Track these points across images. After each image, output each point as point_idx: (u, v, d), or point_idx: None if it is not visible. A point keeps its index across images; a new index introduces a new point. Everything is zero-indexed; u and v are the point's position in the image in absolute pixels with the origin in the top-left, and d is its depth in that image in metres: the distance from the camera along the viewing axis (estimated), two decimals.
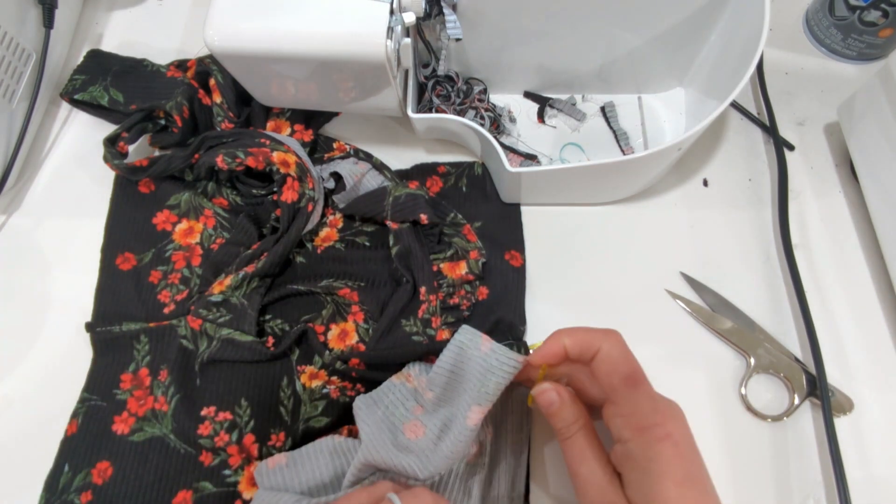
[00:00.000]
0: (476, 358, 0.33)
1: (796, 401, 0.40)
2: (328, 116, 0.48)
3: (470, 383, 0.33)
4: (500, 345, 0.33)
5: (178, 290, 0.42)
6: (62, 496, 0.37)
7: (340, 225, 0.45)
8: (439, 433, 0.34)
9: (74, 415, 0.39)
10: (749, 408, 0.40)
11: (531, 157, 0.47)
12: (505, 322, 0.41)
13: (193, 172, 0.45)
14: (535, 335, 0.42)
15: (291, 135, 0.45)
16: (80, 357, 0.41)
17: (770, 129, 0.48)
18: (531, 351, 0.37)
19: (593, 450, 0.31)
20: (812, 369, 0.40)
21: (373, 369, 0.39)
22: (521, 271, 0.43)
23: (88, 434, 0.39)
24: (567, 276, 0.44)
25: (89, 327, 0.41)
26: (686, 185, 0.47)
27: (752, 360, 0.41)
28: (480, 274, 0.42)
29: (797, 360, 0.41)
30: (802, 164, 0.48)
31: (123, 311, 0.42)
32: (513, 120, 0.49)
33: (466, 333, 0.34)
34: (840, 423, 0.39)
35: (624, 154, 0.47)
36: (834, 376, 0.40)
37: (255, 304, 0.41)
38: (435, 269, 0.42)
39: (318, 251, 0.44)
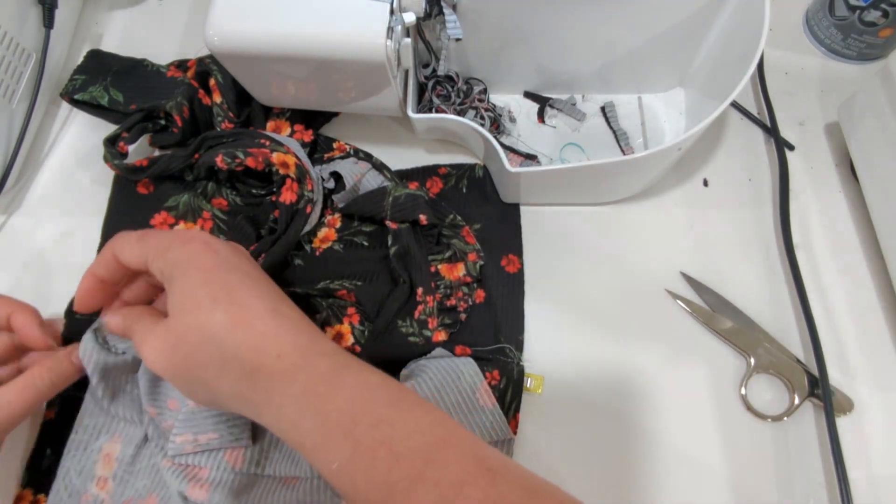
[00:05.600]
0: (472, 405, 0.36)
1: (796, 401, 0.40)
2: (328, 116, 0.48)
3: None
4: (503, 417, 0.36)
5: None
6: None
7: (339, 225, 0.45)
8: None
9: (51, 402, 0.39)
10: (749, 408, 0.40)
11: (531, 157, 0.47)
12: (505, 333, 0.41)
13: (193, 172, 0.45)
14: (535, 336, 0.42)
15: (291, 135, 0.45)
16: None
17: (770, 129, 0.48)
18: (527, 377, 0.40)
19: (161, 316, 0.31)
20: (812, 369, 0.40)
21: None
22: (519, 277, 0.43)
23: (65, 420, 0.39)
24: (567, 276, 0.44)
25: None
26: (686, 185, 0.47)
27: (752, 360, 0.41)
28: (478, 276, 0.42)
29: (797, 360, 0.41)
30: (802, 164, 0.48)
31: None
32: (513, 120, 0.49)
33: (475, 378, 0.37)
34: (840, 423, 0.39)
35: (624, 154, 0.47)
36: (834, 376, 0.40)
37: None
38: (433, 270, 0.42)
39: (317, 253, 0.44)
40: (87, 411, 0.38)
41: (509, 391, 0.38)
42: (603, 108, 0.49)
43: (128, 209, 0.45)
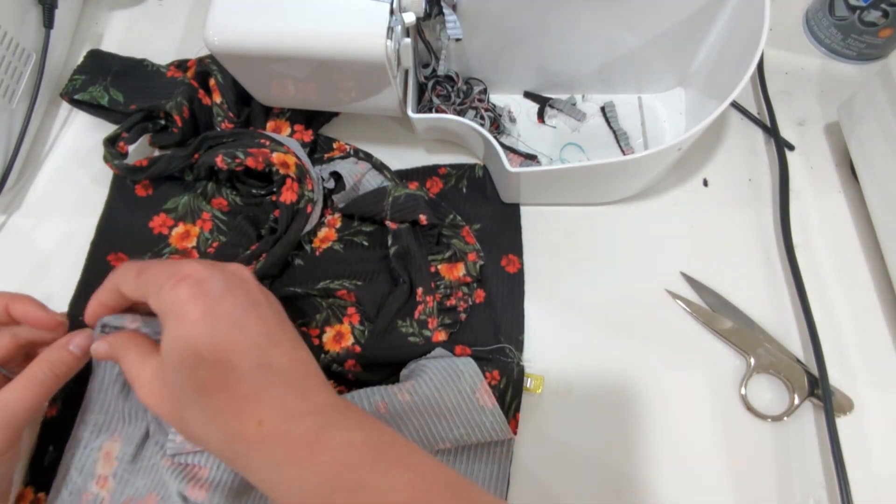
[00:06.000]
0: (472, 405, 0.36)
1: (796, 401, 0.40)
2: (328, 116, 0.48)
3: (452, 421, 0.36)
4: (503, 417, 0.36)
5: None
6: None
7: (339, 225, 0.45)
8: None
9: (53, 399, 0.39)
10: (749, 408, 0.40)
11: (531, 157, 0.47)
12: (504, 334, 0.41)
13: (193, 172, 0.45)
14: (534, 335, 0.42)
15: (291, 135, 0.45)
16: None
17: (770, 129, 0.48)
18: (527, 377, 0.40)
19: (147, 349, 0.31)
20: (812, 369, 0.40)
21: (368, 370, 0.39)
22: (519, 277, 0.43)
23: (66, 418, 0.38)
24: (567, 276, 0.44)
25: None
26: (686, 185, 0.47)
27: (752, 360, 0.41)
28: (478, 276, 0.42)
29: (797, 360, 0.41)
30: (802, 164, 0.48)
31: None
32: (513, 120, 0.49)
33: (475, 378, 0.37)
34: (840, 423, 0.39)
35: (624, 154, 0.47)
36: (834, 376, 0.40)
37: None
38: (433, 270, 0.42)
39: (317, 253, 0.44)
40: (88, 408, 0.38)
41: (509, 391, 0.38)
42: (603, 108, 0.49)
43: (126, 211, 0.45)
